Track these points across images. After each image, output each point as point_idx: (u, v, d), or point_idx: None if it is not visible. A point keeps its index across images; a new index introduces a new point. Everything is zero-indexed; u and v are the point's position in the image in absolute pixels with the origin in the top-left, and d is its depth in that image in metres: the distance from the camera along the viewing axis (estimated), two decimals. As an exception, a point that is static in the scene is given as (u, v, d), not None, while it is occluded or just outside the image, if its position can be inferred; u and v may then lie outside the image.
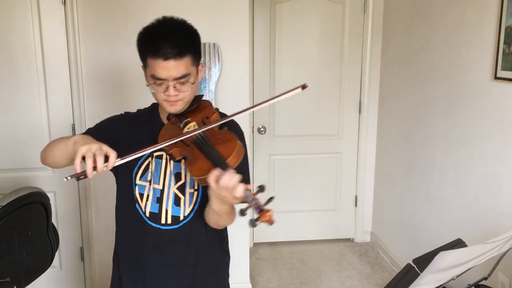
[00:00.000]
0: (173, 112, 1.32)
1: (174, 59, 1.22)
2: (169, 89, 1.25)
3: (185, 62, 1.25)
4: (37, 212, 1.95)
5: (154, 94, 1.31)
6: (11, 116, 2.56)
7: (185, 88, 1.28)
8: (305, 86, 1.22)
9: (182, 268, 1.40)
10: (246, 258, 2.92)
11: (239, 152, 1.18)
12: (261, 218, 1.06)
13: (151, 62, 1.24)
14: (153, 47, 1.22)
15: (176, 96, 1.27)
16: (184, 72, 1.25)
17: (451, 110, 2.54)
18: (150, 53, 1.24)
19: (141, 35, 1.29)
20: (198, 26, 2.77)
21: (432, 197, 2.77)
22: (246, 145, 1.43)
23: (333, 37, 3.51)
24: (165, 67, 1.23)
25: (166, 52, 1.21)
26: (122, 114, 1.47)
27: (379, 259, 3.50)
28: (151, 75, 1.26)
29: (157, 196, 1.36)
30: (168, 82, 1.25)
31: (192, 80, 1.28)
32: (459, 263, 1.20)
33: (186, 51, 1.25)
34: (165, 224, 1.36)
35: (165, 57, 1.21)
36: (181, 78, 1.25)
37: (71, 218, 2.73)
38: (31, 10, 2.47)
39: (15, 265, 1.81)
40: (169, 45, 1.21)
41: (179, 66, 1.24)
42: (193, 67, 1.29)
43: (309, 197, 3.73)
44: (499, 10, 2.09)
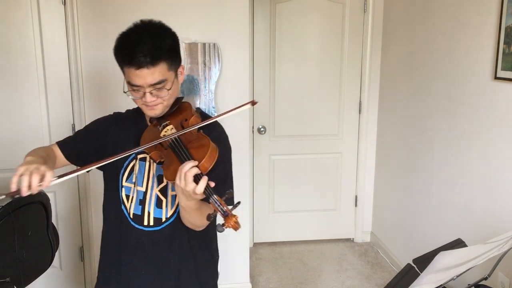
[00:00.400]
0: (153, 116, 1.34)
1: (147, 67, 1.22)
2: (146, 96, 1.27)
3: (160, 69, 1.25)
4: (37, 212, 1.95)
5: (133, 100, 1.33)
6: (11, 116, 2.56)
7: (162, 94, 1.29)
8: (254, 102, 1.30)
9: (166, 268, 1.41)
10: (246, 258, 2.92)
11: (211, 156, 1.19)
12: (226, 224, 1.07)
13: (126, 70, 1.26)
14: (127, 56, 1.23)
15: (154, 101, 1.29)
16: (160, 78, 1.26)
17: (451, 110, 2.54)
18: (125, 61, 1.25)
19: (116, 43, 1.29)
20: (198, 26, 2.78)
21: (432, 197, 2.77)
22: (230, 147, 1.45)
23: (333, 37, 3.51)
24: (139, 75, 1.23)
25: (140, 61, 1.21)
26: (110, 115, 1.51)
27: (379, 259, 3.50)
28: (127, 82, 1.28)
29: (140, 198, 1.39)
30: (144, 89, 1.26)
31: (168, 86, 1.29)
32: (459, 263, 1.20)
33: (160, 58, 1.24)
34: (147, 226, 1.38)
35: (139, 66, 1.22)
36: (156, 84, 1.26)
37: (71, 218, 2.73)
38: (31, 10, 2.47)
39: (15, 265, 1.81)
40: (142, 54, 1.21)
41: (154, 73, 1.24)
42: (169, 72, 1.29)
43: (309, 197, 3.73)
44: (499, 10, 2.09)
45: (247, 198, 2.84)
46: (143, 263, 1.41)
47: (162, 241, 1.39)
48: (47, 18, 2.50)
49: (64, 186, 2.67)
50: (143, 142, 1.33)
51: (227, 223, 1.07)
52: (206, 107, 2.65)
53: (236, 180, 2.86)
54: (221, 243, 2.82)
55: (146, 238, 1.39)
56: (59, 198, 2.69)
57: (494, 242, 1.24)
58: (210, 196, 1.11)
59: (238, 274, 2.93)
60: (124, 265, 1.43)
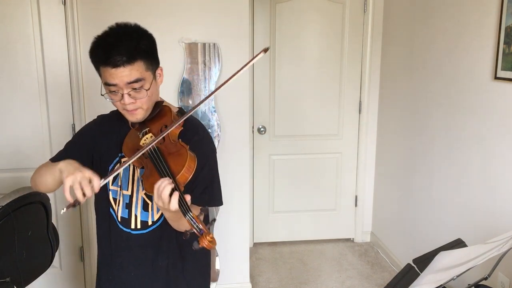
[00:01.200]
0: (135, 121, 1.33)
1: (123, 66, 1.21)
2: (124, 97, 1.25)
3: (137, 67, 1.24)
4: (37, 212, 1.95)
5: (115, 105, 1.31)
6: (11, 116, 2.56)
7: (141, 95, 1.27)
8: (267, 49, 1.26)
9: (155, 270, 1.42)
10: (246, 258, 2.92)
11: (189, 167, 1.18)
12: (200, 242, 1.07)
13: (103, 70, 1.24)
14: (103, 56, 1.22)
15: (133, 104, 1.27)
16: (137, 77, 1.24)
17: (451, 110, 2.54)
18: (100, 61, 1.24)
19: (92, 45, 1.27)
20: (198, 26, 2.78)
21: (432, 197, 2.77)
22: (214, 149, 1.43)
23: (333, 37, 3.51)
24: (115, 74, 1.22)
25: (115, 59, 1.20)
26: (94, 121, 1.50)
27: (379, 259, 3.50)
28: (104, 83, 1.26)
29: (126, 202, 1.39)
30: (122, 90, 1.24)
31: (147, 86, 1.27)
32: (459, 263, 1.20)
33: (137, 57, 1.23)
34: (135, 229, 1.39)
35: (115, 64, 1.20)
36: (134, 83, 1.24)
37: (71, 218, 2.73)
38: (31, 10, 2.47)
39: (15, 265, 1.81)
40: (117, 52, 1.20)
41: (131, 71, 1.22)
42: (147, 73, 1.27)
43: (309, 197, 3.73)
44: (499, 10, 2.09)
45: (247, 198, 2.84)
46: (133, 265, 1.43)
47: (150, 244, 1.40)
48: (47, 18, 2.50)
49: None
50: (125, 148, 1.34)
51: (201, 242, 1.06)
52: (206, 107, 2.65)
53: (236, 180, 2.88)
54: (221, 243, 2.83)
55: (134, 241, 1.40)
56: (59, 198, 2.69)
57: (494, 242, 1.24)
58: (185, 213, 1.11)
59: (238, 274, 2.93)
60: (114, 265, 1.45)
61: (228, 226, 2.84)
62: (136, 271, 1.43)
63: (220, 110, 2.69)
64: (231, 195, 2.80)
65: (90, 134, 1.46)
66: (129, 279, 1.44)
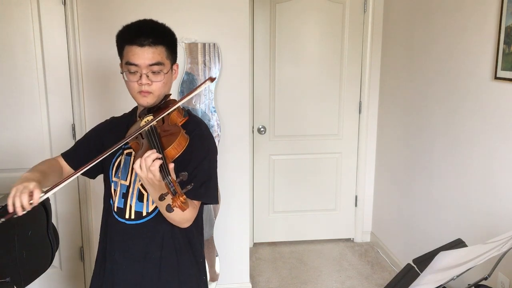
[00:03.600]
0: (145, 104, 1.38)
1: (149, 46, 1.31)
2: (142, 77, 1.32)
3: (160, 51, 1.33)
4: (37, 212, 1.95)
5: (128, 85, 1.37)
6: (11, 116, 2.56)
7: (158, 78, 1.34)
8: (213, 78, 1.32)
9: (147, 262, 1.43)
10: (246, 258, 2.92)
11: (179, 144, 1.22)
12: (173, 203, 1.09)
13: (127, 50, 1.33)
14: (130, 36, 1.32)
15: (149, 86, 1.33)
16: (158, 60, 1.33)
17: (451, 110, 2.54)
18: (127, 40, 1.33)
19: (121, 29, 1.37)
20: (198, 26, 2.78)
21: (432, 197, 2.77)
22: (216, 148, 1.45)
23: (333, 37, 3.51)
24: (140, 54, 1.31)
25: (142, 39, 1.30)
26: (106, 121, 1.58)
27: (379, 259, 3.50)
28: (126, 62, 1.33)
29: (123, 192, 1.42)
30: (142, 69, 1.31)
31: (165, 71, 1.35)
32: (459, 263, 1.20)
33: (161, 42, 1.34)
34: (129, 219, 1.41)
35: (141, 44, 1.30)
36: (154, 65, 1.32)
37: (71, 218, 2.73)
38: (31, 10, 2.47)
39: (15, 265, 1.81)
40: (145, 34, 1.31)
41: (154, 54, 1.31)
42: (167, 60, 1.36)
43: (309, 197, 3.73)
44: (499, 10, 2.09)
45: (247, 198, 2.85)
46: (125, 257, 1.44)
47: (143, 235, 1.41)
48: (47, 18, 2.50)
49: (64, 186, 2.67)
50: (128, 134, 1.37)
51: (174, 202, 1.09)
52: (206, 107, 2.65)
53: (236, 180, 2.88)
54: (221, 243, 2.83)
55: (127, 232, 1.42)
56: (59, 198, 2.69)
57: (494, 242, 1.24)
58: (165, 177, 1.13)
59: (238, 274, 2.93)
60: (107, 258, 1.47)
61: (228, 226, 2.84)
62: (128, 263, 1.44)
63: (220, 110, 2.69)
64: (231, 195, 2.80)
65: (98, 133, 1.53)
66: (120, 272, 1.45)
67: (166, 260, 1.43)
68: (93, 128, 1.57)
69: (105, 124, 1.56)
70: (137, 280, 1.44)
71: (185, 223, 1.36)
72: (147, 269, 1.43)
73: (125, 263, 1.44)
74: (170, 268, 1.44)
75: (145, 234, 1.41)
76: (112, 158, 1.45)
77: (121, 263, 1.44)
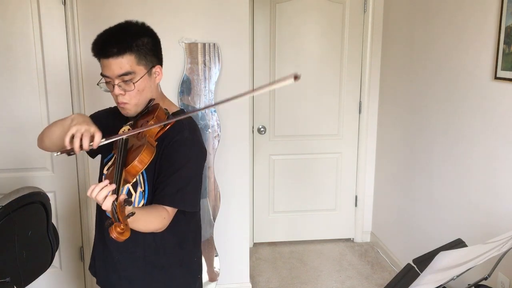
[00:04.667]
0: (126, 115, 1.39)
1: (114, 57, 1.29)
2: (114, 88, 1.32)
3: (127, 61, 1.30)
4: (37, 212, 1.95)
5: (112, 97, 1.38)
6: (11, 116, 2.56)
7: (129, 87, 1.33)
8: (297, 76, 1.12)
9: (133, 259, 1.46)
10: (246, 258, 2.92)
11: (142, 160, 1.22)
12: (110, 232, 1.07)
13: (101, 62, 1.33)
14: (98, 47, 1.32)
15: (123, 97, 1.33)
16: (127, 69, 1.31)
17: (451, 110, 2.54)
18: (96, 53, 1.33)
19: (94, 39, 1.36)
20: (198, 26, 2.77)
21: (432, 197, 2.77)
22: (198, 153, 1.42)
23: (333, 37, 3.51)
24: (107, 65, 1.31)
25: (107, 51, 1.29)
26: (109, 108, 1.60)
27: (379, 259, 3.50)
28: (101, 73, 1.35)
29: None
30: (114, 80, 1.31)
31: (135, 80, 1.32)
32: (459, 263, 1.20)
33: (127, 50, 1.30)
34: None
35: (106, 56, 1.30)
36: (124, 75, 1.31)
37: (71, 218, 2.73)
38: (31, 11, 2.47)
39: (15, 265, 1.81)
40: (109, 44, 1.30)
41: (121, 64, 1.30)
42: (138, 67, 1.33)
43: (309, 197, 3.73)
44: (499, 10, 2.09)
45: (247, 198, 2.84)
46: (115, 249, 1.47)
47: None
48: (47, 18, 2.50)
49: (64, 186, 2.67)
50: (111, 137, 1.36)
51: (110, 233, 1.06)
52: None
53: (236, 180, 2.88)
54: (221, 243, 2.83)
55: None
56: (59, 198, 2.69)
57: (494, 242, 1.24)
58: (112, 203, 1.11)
59: (238, 274, 2.93)
60: (101, 250, 1.52)
61: (228, 226, 2.84)
62: (119, 257, 1.48)
63: (220, 110, 2.69)
64: (231, 195, 2.80)
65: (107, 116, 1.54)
66: (113, 262, 1.49)
67: (151, 258, 1.45)
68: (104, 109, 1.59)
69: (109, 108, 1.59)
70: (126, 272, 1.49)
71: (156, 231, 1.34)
72: (134, 265, 1.46)
73: (117, 255, 1.48)
74: (155, 265, 1.46)
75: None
76: (108, 153, 1.47)
77: (113, 254, 1.49)
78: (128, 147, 1.28)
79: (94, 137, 1.21)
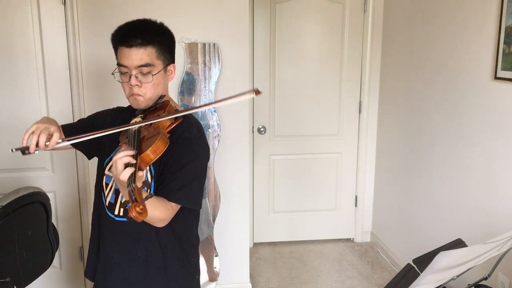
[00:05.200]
0: (136, 107, 1.39)
1: (137, 47, 1.31)
2: (131, 79, 1.33)
3: (148, 53, 1.33)
4: (37, 212, 1.95)
5: (122, 87, 1.38)
6: (11, 116, 2.56)
7: (147, 79, 1.34)
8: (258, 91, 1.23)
9: (133, 260, 1.44)
10: (246, 258, 2.92)
11: (156, 150, 1.22)
12: (129, 212, 1.08)
13: (119, 50, 1.34)
14: (120, 36, 1.33)
15: (138, 88, 1.34)
16: (147, 61, 1.33)
17: (451, 110, 2.54)
18: (118, 41, 1.34)
19: (114, 30, 1.38)
20: (198, 26, 2.77)
21: (432, 197, 2.77)
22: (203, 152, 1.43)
23: (333, 37, 3.51)
24: (128, 55, 1.31)
25: (130, 40, 1.31)
26: (113, 108, 1.59)
27: (379, 259, 3.50)
28: (117, 63, 1.35)
29: (116, 188, 1.43)
30: (131, 71, 1.32)
31: (154, 72, 1.35)
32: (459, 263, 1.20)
33: (150, 43, 1.33)
34: (118, 216, 1.42)
35: (129, 45, 1.31)
36: (142, 67, 1.32)
37: (71, 218, 2.73)
38: (31, 10, 2.47)
39: (15, 265, 1.81)
40: (133, 35, 1.31)
41: (142, 55, 1.32)
42: (157, 61, 1.36)
43: (309, 197, 3.73)
44: (499, 10, 2.09)
45: (247, 198, 2.84)
46: (114, 250, 1.46)
47: (130, 233, 1.42)
48: (47, 18, 2.50)
49: (64, 186, 2.67)
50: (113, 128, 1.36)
51: (130, 212, 1.07)
52: (206, 107, 2.65)
53: (236, 180, 2.88)
54: (221, 243, 2.83)
55: (116, 228, 1.43)
56: (59, 198, 2.69)
57: (494, 242, 1.24)
58: (129, 184, 1.11)
59: (238, 274, 2.93)
60: (101, 249, 1.50)
61: (228, 226, 2.84)
62: (118, 258, 1.46)
63: (220, 110, 2.69)
64: (231, 195, 2.80)
65: (103, 117, 1.54)
66: (110, 265, 1.47)
67: (152, 258, 1.44)
68: (98, 111, 1.58)
69: (110, 111, 1.57)
70: (126, 274, 1.46)
71: (159, 223, 1.34)
72: (135, 265, 1.45)
73: (115, 256, 1.46)
74: (156, 266, 1.45)
75: (131, 232, 1.42)
76: (111, 152, 1.46)
77: (112, 256, 1.47)
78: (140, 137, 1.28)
79: (52, 137, 1.22)
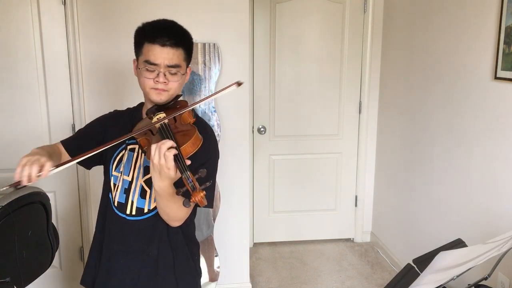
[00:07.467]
0: (158, 101, 1.38)
1: (170, 47, 1.32)
2: (160, 76, 1.33)
3: (179, 54, 1.35)
4: (37, 212, 1.95)
5: (142, 82, 1.37)
6: (11, 116, 2.56)
7: (175, 78, 1.36)
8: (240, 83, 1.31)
9: (144, 258, 1.44)
10: (246, 258, 2.92)
11: (194, 143, 1.23)
12: (193, 198, 1.10)
13: (148, 48, 1.33)
14: (153, 34, 1.32)
15: (165, 85, 1.34)
16: (177, 62, 1.34)
17: (451, 110, 2.54)
18: (148, 38, 1.33)
19: (140, 26, 1.37)
20: (198, 26, 2.78)
21: (432, 197, 2.77)
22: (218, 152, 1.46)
23: (333, 37, 3.51)
24: (160, 54, 1.32)
25: (164, 40, 1.31)
26: (110, 113, 1.58)
27: (379, 259, 3.50)
28: (144, 60, 1.33)
29: (125, 187, 1.42)
30: (160, 69, 1.32)
31: (182, 72, 1.37)
32: (459, 263, 1.20)
33: (181, 45, 1.35)
34: (130, 215, 1.42)
35: (163, 44, 1.31)
36: (172, 68, 1.34)
37: (71, 218, 2.73)
38: (31, 10, 2.47)
39: (15, 265, 1.81)
40: (167, 35, 1.32)
41: (174, 55, 1.33)
42: (184, 62, 1.38)
43: (309, 197, 3.73)
44: (499, 10, 2.09)
45: (247, 198, 2.84)
46: (123, 252, 1.44)
47: (143, 232, 1.42)
48: (47, 18, 2.50)
49: (64, 186, 2.67)
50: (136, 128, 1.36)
51: (194, 197, 1.10)
52: (206, 107, 2.65)
53: (236, 180, 2.88)
54: (221, 243, 2.83)
55: (128, 227, 1.42)
56: (59, 198, 2.69)
57: (494, 242, 1.24)
58: (183, 172, 1.13)
59: (238, 274, 2.93)
60: (104, 250, 1.48)
61: (228, 226, 2.84)
62: (126, 259, 1.44)
63: (220, 110, 2.69)
64: (231, 195, 2.80)
65: (102, 125, 1.52)
66: (116, 267, 1.45)
67: (163, 257, 1.44)
68: (96, 118, 1.57)
69: (108, 116, 1.56)
70: (134, 275, 1.44)
71: (176, 221, 1.36)
72: (144, 265, 1.44)
73: (122, 257, 1.45)
74: (166, 264, 1.45)
75: (145, 230, 1.42)
76: (114, 152, 1.46)
77: (119, 257, 1.45)
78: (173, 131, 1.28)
79: (44, 167, 1.20)
